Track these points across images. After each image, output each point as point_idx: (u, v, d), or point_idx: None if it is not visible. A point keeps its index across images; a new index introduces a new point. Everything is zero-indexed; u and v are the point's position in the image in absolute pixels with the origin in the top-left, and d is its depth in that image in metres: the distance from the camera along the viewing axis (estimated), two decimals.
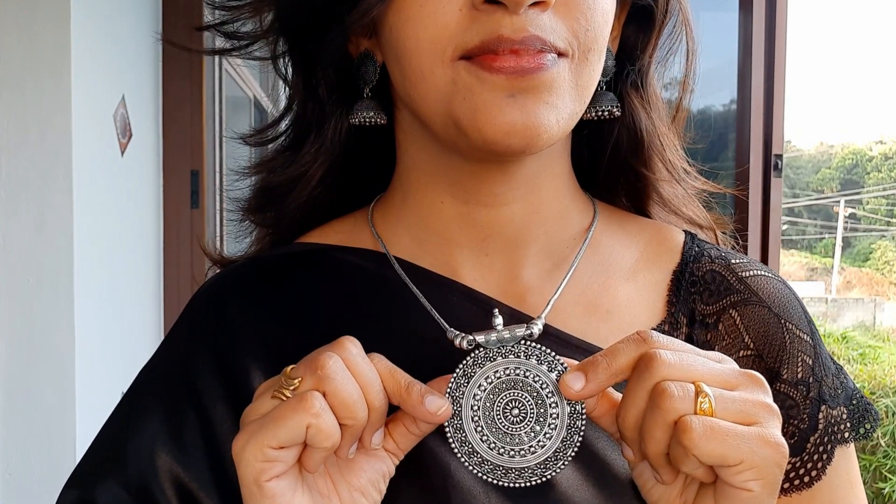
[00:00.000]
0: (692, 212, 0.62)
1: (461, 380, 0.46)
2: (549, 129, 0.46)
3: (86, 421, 1.67)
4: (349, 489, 0.45)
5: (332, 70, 0.55)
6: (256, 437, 0.41)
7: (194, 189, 2.21)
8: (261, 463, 0.41)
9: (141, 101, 2.07)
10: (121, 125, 1.94)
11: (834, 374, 0.56)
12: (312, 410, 0.40)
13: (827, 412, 0.54)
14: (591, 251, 0.56)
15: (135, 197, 2.06)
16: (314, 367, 0.42)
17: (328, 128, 0.56)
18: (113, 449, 0.53)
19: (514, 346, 0.46)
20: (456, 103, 0.46)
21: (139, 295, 2.10)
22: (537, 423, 0.45)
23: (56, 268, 1.65)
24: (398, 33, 0.48)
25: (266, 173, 0.59)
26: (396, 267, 0.54)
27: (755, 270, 0.57)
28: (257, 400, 0.43)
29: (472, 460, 0.45)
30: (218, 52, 0.60)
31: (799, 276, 24.76)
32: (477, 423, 0.46)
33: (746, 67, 2.20)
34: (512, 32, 0.44)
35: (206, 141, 2.25)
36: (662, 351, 0.41)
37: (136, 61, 2.05)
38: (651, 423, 0.40)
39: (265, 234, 0.62)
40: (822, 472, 0.53)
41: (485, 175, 0.52)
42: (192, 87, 2.21)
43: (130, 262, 2.03)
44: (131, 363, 1.97)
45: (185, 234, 2.21)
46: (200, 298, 0.57)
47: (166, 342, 0.57)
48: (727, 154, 2.33)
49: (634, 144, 0.58)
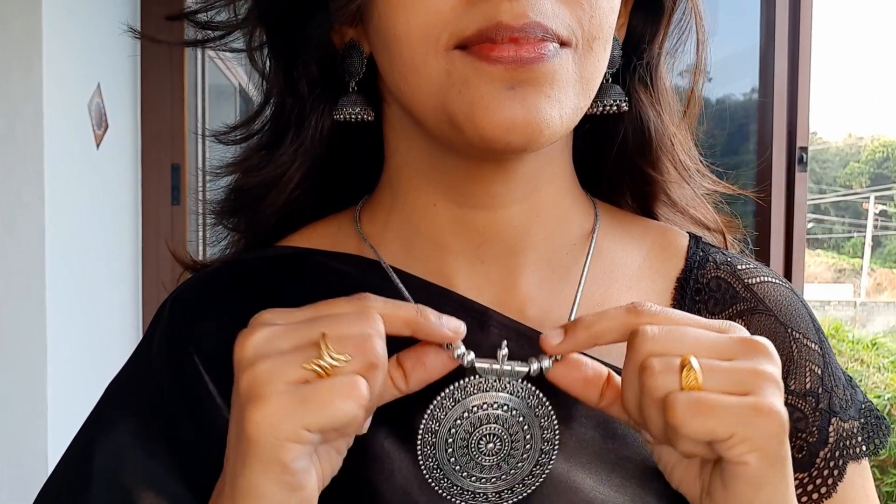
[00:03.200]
0: (700, 213, 0.62)
1: (447, 402, 0.48)
2: (551, 124, 0.46)
3: (58, 433, 1.67)
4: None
5: (314, 62, 0.54)
6: (294, 415, 0.40)
7: (175, 184, 2.21)
8: (291, 444, 0.40)
9: (118, 90, 2.07)
10: (96, 115, 1.94)
11: (845, 385, 0.56)
12: (363, 401, 0.40)
13: (838, 425, 0.54)
14: (593, 257, 0.56)
15: (111, 193, 2.06)
16: (365, 351, 0.41)
17: (309, 125, 0.56)
18: (78, 468, 0.53)
19: (510, 383, 0.48)
20: (451, 97, 0.46)
21: (116, 298, 2.10)
22: (507, 459, 0.49)
23: (26, 269, 1.65)
24: (387, 20, 0.47)
25: (241, 174, 0.59)
26: (392, 275, 0.53)
27: (762, 277, 0.57)
28: (278, 362, 0.41)
29: (434, 474, 0.49)
30: (190, 43, 0.59)
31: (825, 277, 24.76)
32: (450, 446, 0.48)
33: (769, 53, 2.20)
34: (511, 19, 0.44)
35: (188, 133, 2.25)
36: (648, 326, 0.43)
37: (112, 46, 2.05)
38: (644, 403, 0.42)
39: (239, 238, 0.62)
40: (832, 489, 0.53)
41: (481, 175, 0.52)
42: (172, 74, 2.21)
43: (106, 263, 2.03)
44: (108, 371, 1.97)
45: (165, 233, 2.21)
46: (171, 306, 0.57)
47: (136, 353, 0.57)
48: (748, 147, 2.33)
49: (641, 144, 0.58)
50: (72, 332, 1.80)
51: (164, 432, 0.52)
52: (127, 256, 2.16)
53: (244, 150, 0.60)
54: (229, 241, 0.63)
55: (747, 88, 2.37)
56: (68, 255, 1.78)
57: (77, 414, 2.00)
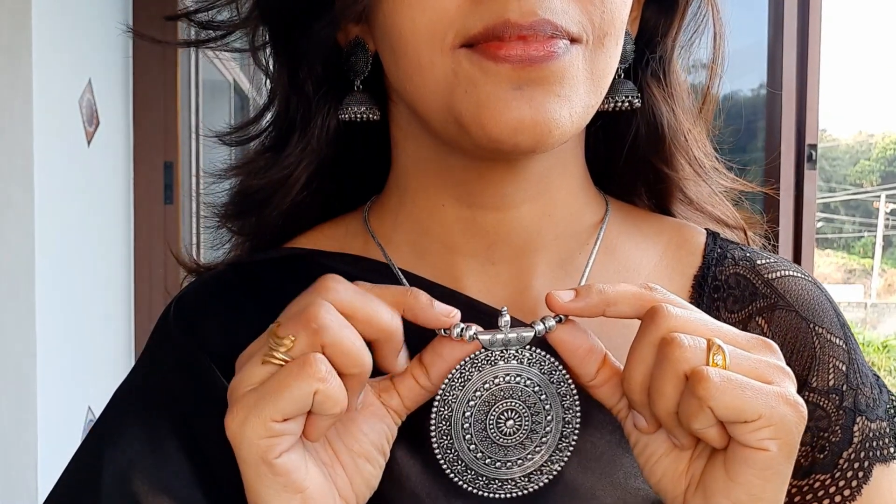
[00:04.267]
0: (720, 211, 0.62)
1: (456, 382, 0.47)
2: (561, 124, 0.46)
3: (48, 444, 1.66)
4: (352, 456, 0.45)
5: (319, 62, 0.54)
6: (257, 410, 0.40)
7: (168, 183, 2.21)
8: (266, 440, 0.41)
9: (110, 86, 2.07)
10: (87, 112, 1.93)
11: (872, 383, 0.56)
12: (318, 375, 0.40)
13: (864, 424, 0.54)
14: (606, 256, 0.56)
15: (103, 191, 2.06)
16: (305, 321, 0.41)
17: (314, 125, 0.56)
18: (85, 478, 0.52)
19: (518, 351, 0.47)
20: (457, 97, 0.46)
21: (108, 300, 2.10)
22: (530, 437, 0.47)
23: (15, 271, 1.65)
24: (392, 18, 0.47)
25: (245, 176, 0.59)
26: (401, 278, 0.54)
27: (783, 271, 0.57)
28: (245, 369, 0.43)
29: (455, 468, 0.47)
30: (191, 43, 0.59)
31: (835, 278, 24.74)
32: (467, 431, 0.47)
33: (777, 48, 2.20)
34: (519, 16, 0.43)
35: (182, 130, 2.24)
36: (670, 305, 0.43)
37: (104, 41, 2.05)
38: (660, 377, 0.41)
39: (244, 241, 0.62)
40: (857, 491, 0.53)
41: (490, 175, 0.52)
42: (165, 70, 2.21)
43: (98, 263, 2.03)
44: (100, 378, 1.97)
45: (159, 233, 2.21)
46: (176, 310, 0.57)
47: (142, 359, 0.57)
48: (756, 144, 2.33)
49: (655, 140, 0.58)
50: (62, 337, 1.79)
51: (177, 435, 0.52)
52: (119, 256, 2.16)
53: (248, 151, 0.60)
54: (233, 244, 0.63)
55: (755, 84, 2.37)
56: (58, 255, 1.77)
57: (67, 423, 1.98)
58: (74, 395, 1.83)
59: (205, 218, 0.63)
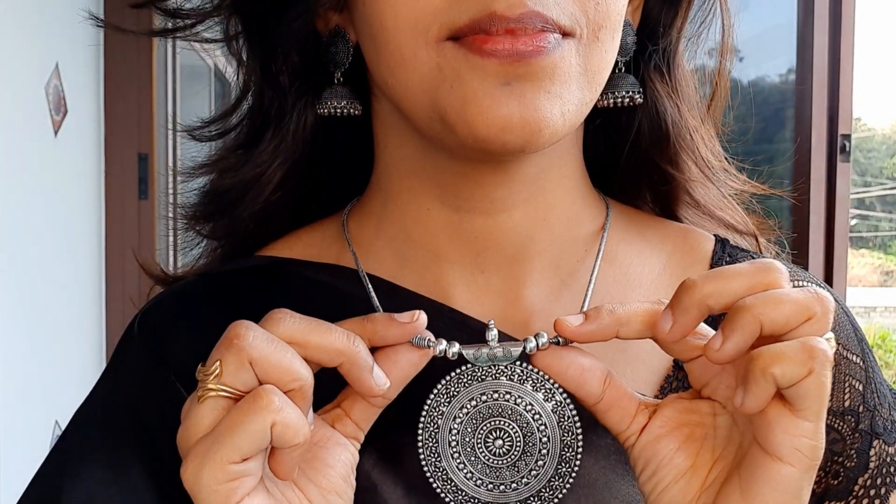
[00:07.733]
0: (728, 215, 0.62)
1: (442, 398, 0.47)
2: (552, 123, 0.46)
3: (9, 461, 1.66)
4: (321, 492, 0.45)
5: (295, 51, 0.55)
6: (211, 455, 0.40)
7: (142, 176, 2.21)
8: (225, 484, 0.41)
9: (79, 71, 2.07)
10: (54, 99, 1.93)
11: (891, 403, 0.56)
12: (272, 406, 0.40)
13: (881, 448, 0.54)
14: (606, 264, 0.56)
15: (71, 186, 2.06)
16: (227, 343, 0.42)
17: (290, 120, 0.56)
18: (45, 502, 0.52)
19: (508, 367, 0.47)
20: (442, 93, 0.46)
21: (76, 304, 2.10)
22: (523, 459, 0.47)
23: None
24: (373, 7, 0.47)
25: (216, 175, 0.59)
26: (367, 285, 0.54)
27: (796, 282, 0.57)
28: (189, 416, 0.43)
29: (446, 487, 0.48)
30: (159, 33, 0.60)
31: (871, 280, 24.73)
32: (454, 449, 0.47)
33: (807, 30, 2.19)
34: (507, 8, 0.44)
35: (157, 119, 2.24)
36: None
37: (72, 23, 2.04)
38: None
39: (215, 246, 0.62)
40: None
41: (479, 177, 0.52)
42: (140, 53, 2.21)
43: (66, 264, 2.03)
44: (68, 389, 1.97)
45: (132, 231, 2.21)
46: (141, 324, 0.57)
47: (105, 376, 0.57)
48: (784, 134, 2.33)
49: (658, 138, 0.58)
50: (26, 345, 1.80)
51: (142, 459, 0.52)
52: (89, 257, 2.16)
53: (219, 148, 0.60)
54: (204, 249, 0.63)
55: (783, 69, 2.37)
56: (22, 255, 1.77)
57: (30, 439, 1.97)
58: (38, 409, 1.83)
59: (171, 219, 0.63)
